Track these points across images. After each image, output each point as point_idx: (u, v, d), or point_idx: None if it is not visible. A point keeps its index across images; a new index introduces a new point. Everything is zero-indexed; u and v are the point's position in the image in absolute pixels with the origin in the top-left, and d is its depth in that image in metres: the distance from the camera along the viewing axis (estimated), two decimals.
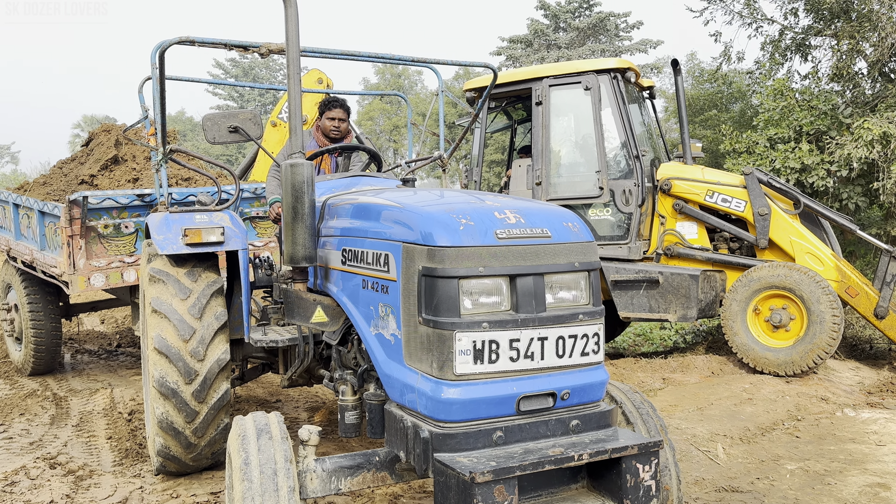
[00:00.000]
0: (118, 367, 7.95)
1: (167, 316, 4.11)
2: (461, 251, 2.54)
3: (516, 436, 2.54)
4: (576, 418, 2.65)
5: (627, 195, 7.41)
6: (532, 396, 2.58)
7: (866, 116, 10.93)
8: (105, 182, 7.23)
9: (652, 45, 31.94)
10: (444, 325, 2.51)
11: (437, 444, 2.47)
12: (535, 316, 2.58)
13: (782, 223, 7.17)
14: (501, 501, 2.27)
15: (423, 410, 2.57)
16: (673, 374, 6.99)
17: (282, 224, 4.40)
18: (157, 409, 4.09)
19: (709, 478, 4.44)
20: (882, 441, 5.14)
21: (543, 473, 2.51)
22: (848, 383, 6.69)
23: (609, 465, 2.53)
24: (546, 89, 7.71)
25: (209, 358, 4.14)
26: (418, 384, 2.60)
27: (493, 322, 2.53)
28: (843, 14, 12.68)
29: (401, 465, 2.99)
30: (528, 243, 2.64)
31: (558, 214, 2.85)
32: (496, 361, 2.53)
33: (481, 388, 2.51)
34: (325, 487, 2.84)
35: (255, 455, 2.63)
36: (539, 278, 2.62)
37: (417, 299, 2.61)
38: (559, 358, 2.62)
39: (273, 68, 50.09)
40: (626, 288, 7.40)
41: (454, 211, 2.71)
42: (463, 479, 2.27)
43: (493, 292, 2.58)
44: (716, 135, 15.71)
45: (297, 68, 3.31)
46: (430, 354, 2.55)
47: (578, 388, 2.66)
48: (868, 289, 6.93)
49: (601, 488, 2.58)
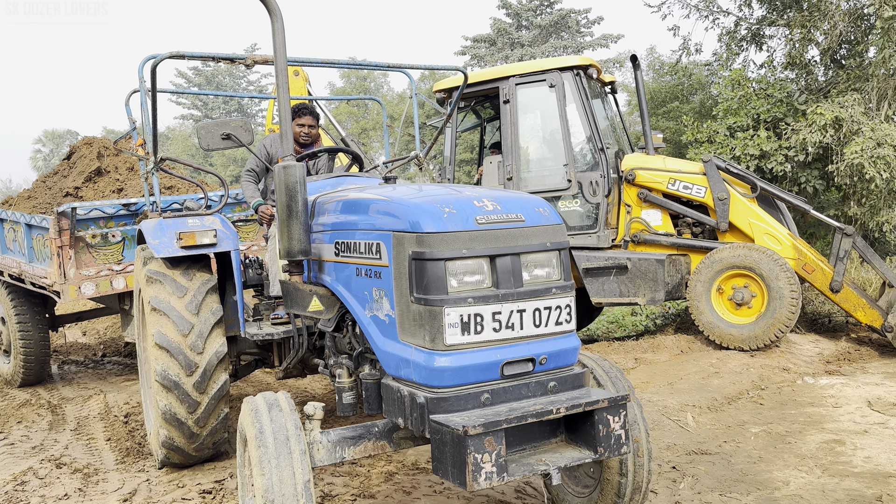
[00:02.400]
0: (107, 374, 8.11)
1: (166, 313, 4.36)
2: (446, 236, 2.84)
3: (501, 397, 2.84)
4: (553, 380, 2.97)
5: (594, 186, 7.75)
6: (514, 362, 2.88)
7: (819, 102, 11.41)
8: (90, 193, 7.40)
9: (613, 40, 32.51)
10: (433, 301, 2.80)
11: (433, 407, 2.76)
12: (514, 291, 2.89)
13: (741, 207, 7.57)
14: (491, 451, 2.56)
15: (418, 379, 2.86)
16: (644, 354, 7.36)
17: (275, 223, 4.67)
18: (160, 401, 4.32)
19: (680, 443, 4.79)
20: (838, 403, 5.54)
21: (527, 429, 2.83)
22: (808, 354, 7.11)
23: (584, 419, 2.85)
24: (513, 88, 8.03)
25: (208, 351, 4.39)
26: (413, 356, 2.89)
27: (477, 298, 2.83)
28: (795, 4, 13.18)
29: (398, 434, 3.27)
30: (505, 227, 2.95)
31: (531, 201, 3.17)
32: (481, 332, 2.83)
33: (469, 357, 2.81)
34: (331, 456, 3.12)
35: (268, 425, 2.90)
36: (516, 258, 2.93)
37: (409, 281, 2.90)
38: (536, 327, 2.94)
39: (236, 75, 49.93)
40: (596, 275, 7.75)
41: (438, 201, 3.01)
42: (457, 434, 2.57)
43: (476, 271, 2.88)
44: (678, 126, 16.18)
45: (285, 78, 3.58)
46: (423, 329, 2.84)
47: (554, 354, 2.99)
48: (824, 265, 7.36)
49: (578, 441, 2.90)
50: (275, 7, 3.51)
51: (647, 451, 3.28)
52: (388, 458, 4.67)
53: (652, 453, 3.33)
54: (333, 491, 4.15)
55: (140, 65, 4.69)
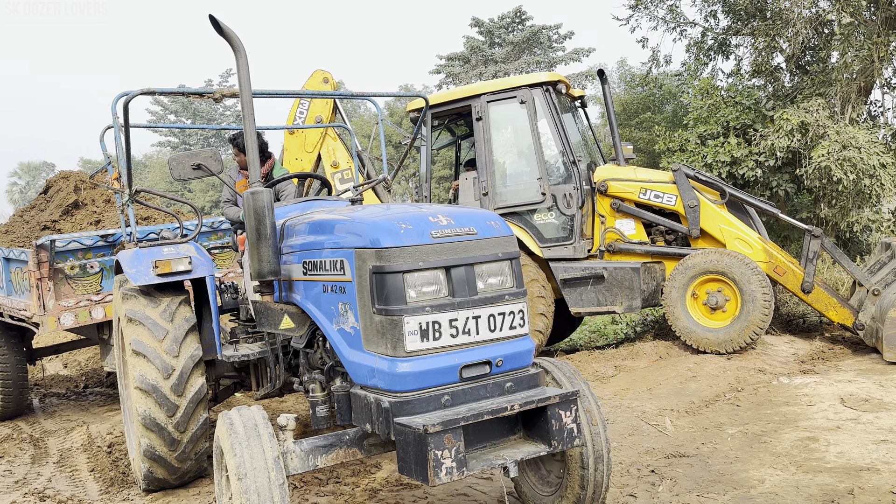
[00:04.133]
0: (89, 405, 8.08)
1: (142, 322, 4.51)
2: (403, 250, 3.02)
3: (461, 399, 3.00)
4: (509, 381, 3.13)
5: (568, 198, 7.88)
6: (472, 365, 3.05)
7: (786, 108, 11.67)
8: (67, 226, 7.43)
9: (584, 54, 32.96)
10: (394, 312, 2.95)
11: (396, 410, 2.90)
12: (469, 299, 3.06)
13: (711, 213, 7.72)
14: (451, 447, 2.72)
15: (383, 385, 3.00)
16: (624, 362, 7.46)
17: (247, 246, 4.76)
18: (139, 408, 4.41)
19: (658, 447, 4.87)
20: (812, 401, 5.65)
21: (486, 428, 3.02)
22: (783, 355, 7.24)
23: (539, 416, 3.04)
24: (484, 105, 8.16)
25: (183, 354, 4.51)
26: (377, 364, 3.03)
27: (435, 306, 2.99)
28: (759, 13, 13.48)
29: (368, 441, 3.40)
30: (459, 240, 3.14)
31: (482, 215, 3.36)
32: (440, 338, 2.99)
33: (429, 361, 2.97)
34: (305, 464, 3.23)
35: (237, 419, 3.09)
36: (470, 268, 3.11)
37: (370, 294, 3.05)
38: (491, 332, 3.11)
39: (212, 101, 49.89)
40: (574, 285, 7.86)
41: (395, 218, 3.19)
42: (418, 433, 2.72)
43: (433, 282, 3.05)
44: (651, 136, 16.42)
45: (250, 110, 3.69)
46: (385, 338, 2.99)
47: (509, 356, 3.16)
48: (795, 267, 7.51)
49: (534, 437, 3.08)
50: (239, 45, 3.62)
51: (605, 440, 3.42)
52: (372, 476, 4.72)
53: (610, 444, 3.46)
54: None
55: (113, 102, 4.78)
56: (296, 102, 9.75)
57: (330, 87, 9.23)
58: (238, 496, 2.84)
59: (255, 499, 2.80)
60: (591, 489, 3.42)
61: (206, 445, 4.76)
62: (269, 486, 2.84)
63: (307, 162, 9.93)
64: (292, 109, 9.87)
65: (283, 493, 2.86)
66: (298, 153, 9.98)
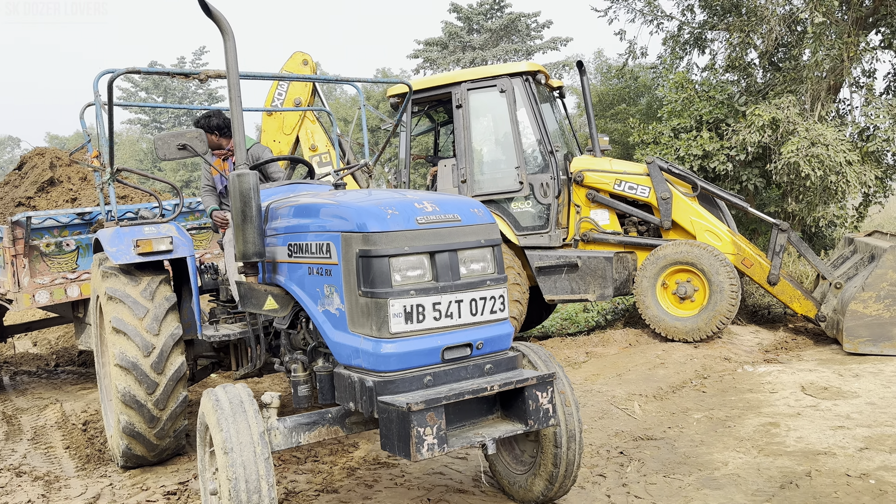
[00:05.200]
0: (62, 383, 8.06)
1: (122, 301, 4.54)
2: (389, 235, 3.11)
3: (442, 379, 3.12)
4: (489, 363, 3.25)
5: (545, 188, 8.01)
6: (453, 347, 3.17)
7: (758, 104, 11.90)
8: (43, 203, 7.37)
9: (562, 43, 33.08)
10: (379, 294, 3.05)
11: (380, 389, 3.01)
12: (452, 283, 3.17)
13: (683, 205, 7.91)
14: (432, 425, 2.84)
15: (367, 365, 3.11)
16: (595, 348, 7.63)
17: (229, 229, 4.81)
18: (119, 385, 4.45)
19: (627, 430, 5.04)
20: (774, 389, 5.87)
21: (466, 407, 3.14)
22: (748, 344, 7.47)
23: (516, 397, 3.17)
24: (465, 93, 8.24)
25: (163, 333, 4.55)
26: (361, 345, 3.13)
27: (419, 290, 3.10)
28: (734, 9, 13.68)
29: (350, 420, 3.51)
30: (443, 226, 3.24)
31: (466, 203, 3.46)
32: (423, 321, 3.10)
33: (412, 343, 3.07)
34: (288, 441, 3.33)
35: (223, 395, 3.17)
36: (453, 254, 3.22)
37: (357, 277, 3.14)
38: (473, 316, 3.23)
39: None
40: (549, 273, 8.01)
41: (382, 204, 3.27)
42: (402, 411, 2.83)
43: (417, 266, 3.15)
44: (625, 128, 16.60)
45: (237, 92, 3.73)
46: (370, 319, 3.09)
47: (489, 339, 3.28)
48: (762, 259, 7.74)
49: (512, 416, 3.22)
50: (226, 26, 3.65)
51: (577, 420, 3.57)
52: (350, 455, 4.82)
53: (582, 425, 3.61)
54: (297, 487, 4.28)
55: (95, 79, 4.77)
56: (274, 84, 9.71)
57: (309, 70, 9.21)
58: (224, 470, 2.92)
59: (242, 472, 2.88)
60: (563, 467, 3.56)
61: (185, 423, 4.82)
62: (254, 460, 2.93)
63: (285, 144, 9.91)
64: (271, 91, 9.83)
65: (268, 466, 2.95)
66: (276, 135, 9.96)
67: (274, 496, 2.92)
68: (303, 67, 9.13)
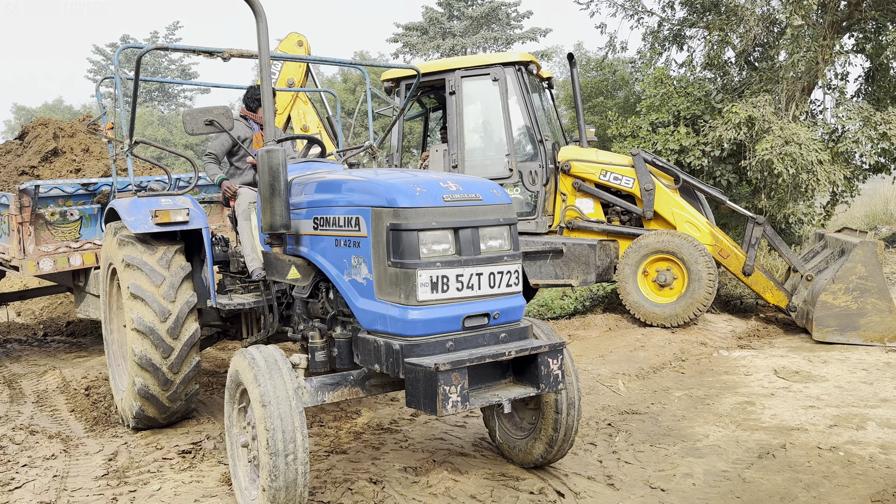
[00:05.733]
0: (55, 351, 8.17)
1: (140, 268, 4.74)
2: (418, 211, 3.37)
3: (462, 345, 3.39)
4: (504, 332, 3.53)
5: (533, 176, 8.31)
6: (473, 316, 3.44)
7: (735, 102, 12.31)
8: (46, 173, 7.46)
9: (542, 34, 33.35)
10: (408, 265, 3.32)
11: (407, 352, 3.27)
12: (474, 258, 3.45)
13: (665, 197, 8.27)
14: (457, 385, 3.11)
15: (393, 330, 3.37)
16: (577, 331, 7.98)
17: (239, 201, 5.02)
18: (135, 348, 4.66)
19: (613, 405, 5.38)
20: (749, 372, 6.26)
21: (483, 371, 3.42)
22: (722, 331, 7.87)
23: (527, 363, 3.46)
24: (458, 80, 8.48)
25: (179, 300, 4.75)
26: (389, 311, 3.39)
27: (444, 262, 3.37)
28: (714, 8, 14.04)
29: (370, 382, 3.78)
30: (467, 205, 3.51)
31: (487, 184, 3.74)
32: (447, 291, 3.37)
33: (437, 311, 3.35)
34: (314, 399, 3.61)
35: (258, 355, 3.41)
36: (475, 230, 3.49)
37: (386, 248, 3.39)
38: (491, 288, 3.51)
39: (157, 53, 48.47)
40: (534, 258, 8.32)
41: (410, 182, 3.53)
42: (430, 371, 3.10)
43: (443, 241, 3.42)
44: (603, 120, 16.95)
45: (268, 72, 3.94)
46: (398, 288, 3.35)
47: (505, 310, 3.56)
48: (737, 251, 8.13)
49: (523, 380, 3.51)
50: (260, 9, 3.85)
51: (577, 390, 3.90)
52: (354, 422, 5.08)
53: (581, 393, 3.94)
54: None
55: (116, 53, 4.93)
56: (282, 68, 9.83)
57: (304, 51, 9.34)
58: (262, 421, 3.16)
59: (279, 423, 3.13)
60: (563, 431, 3.87)
61: (196, 388, 5.03)
62: (290, 412, 3.17)
63: (276, 123, 10.03)
64: (280, 75, 9.98)
65: (301, 418, 3.20)
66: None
67: (307, 445, 3.18)
68: (298, 48, 9.27)
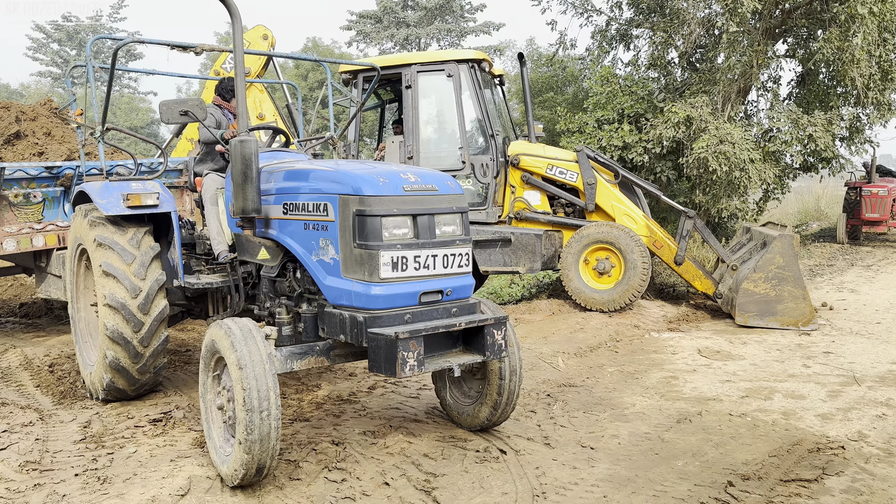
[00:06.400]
0: (13, 332, 8.31)
1: (111, 247, 5.02)
2: (382, 199, 3.79)
3: (419, 318, 3.82)
4: (455, 307, 3.98)
5: (485, 168, 8.77)
6: (429, 293, 3.89)
7: (675, 102, 12.97)
8: (9, 155, 7.58)
9: (494, 28, 33.85)
10: (372, 247, 3.74)
11: (370, 323, 3.70)
12: (430, 241, 3.88)
13: (605, 191, 8.83)
14: (414, 351, 3.55)
15: (358, 304, 3.79)
16: (523, 315, 8.49)
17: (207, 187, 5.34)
18: (107, 323, 4.92)
19: (553, 379, 5.89)
20: (675, 351, 6.85)
21: (436, 340, 3.86)
22: (655, 316, 8.48)
23: (475, 334, 3.92)
24: (414, 75, 8.87)
25: (149, 278, 5.04)
26: (353, 288, 3.80)
27: (404, 245, 3.80)
28: (659, 9, 14.68)
29: (335, 352, 4.19)
30: (424, 194, 3.95)
31: (442, 176, 4.19)
32: (406, 270, 3.80)
33: (397, 287, 3.77)
34: (284, 366, 4.01)
35: (233, 325, 3.76)
36: (431, 217, 3.93)
37: (352, 232, 3.80)
38: (445, 268, 3.95)
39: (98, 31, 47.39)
40: (484, 246, 8.79)
41: (374, 173, 3.94)
42: (390, 338, 3.52)
43: (403, 226, 3.84)
44: (552, 115, 17.49)
45: (242, 68, 4.30)
46: (363, 267, 3.77)
47: (456, 288, 4.01)
48: (670, 242, 8.75)
49: (471, 349, 3.97)
50: (235, 9, 4.20)
51: (519, 359, 4.38)
52: (315, 394, 5.47)
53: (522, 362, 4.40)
54: None
55: (89, 44, 5.20)
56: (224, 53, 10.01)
57: (269, 44, 9.59)
58: (239, 382, 3.53)
59: (254, 384, 3.51)
60: (506, 396, 4.35)
61: (164, 361, 5.33)
62: (264, 374, 3.55)
63: None
64: (221, 57, 10.14)
65: (274, 380, 3.58)
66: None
67: (279, 403, 3.56)
68: (262, 42, 9.51)
